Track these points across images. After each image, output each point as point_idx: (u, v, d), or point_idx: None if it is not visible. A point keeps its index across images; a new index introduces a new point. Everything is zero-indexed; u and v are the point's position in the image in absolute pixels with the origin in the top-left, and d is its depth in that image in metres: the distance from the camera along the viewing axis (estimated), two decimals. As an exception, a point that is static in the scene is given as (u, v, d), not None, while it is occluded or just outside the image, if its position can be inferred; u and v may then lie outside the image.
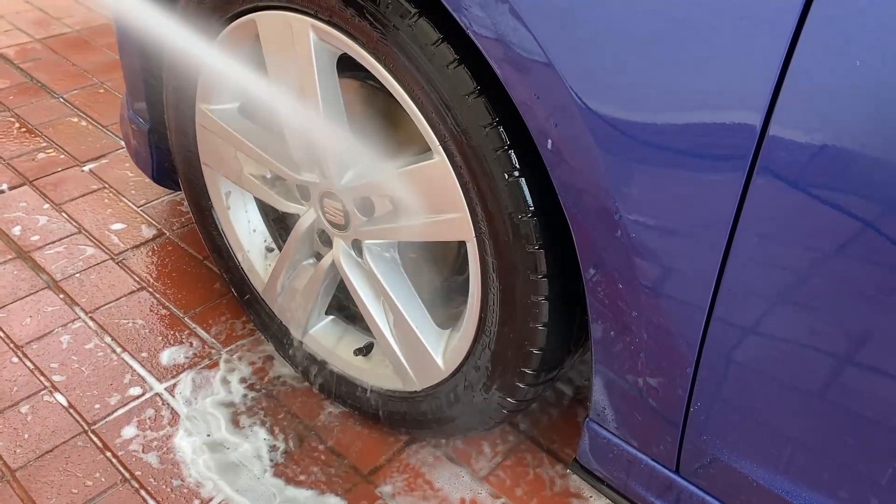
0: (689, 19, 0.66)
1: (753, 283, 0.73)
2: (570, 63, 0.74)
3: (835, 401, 0.75)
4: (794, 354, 0.75)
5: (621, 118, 0.73)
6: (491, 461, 1.30)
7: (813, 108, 0.63)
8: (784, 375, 0.77)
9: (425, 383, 1.19)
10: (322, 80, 1.04)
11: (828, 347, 0.72)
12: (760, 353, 0.77)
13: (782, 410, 0.79)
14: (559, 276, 0.95)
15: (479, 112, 0.89)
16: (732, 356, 0.79)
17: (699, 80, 0.67)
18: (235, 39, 1.14)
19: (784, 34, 0.62)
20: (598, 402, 0.97)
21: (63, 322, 1.52)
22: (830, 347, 0.72)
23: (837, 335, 0.71)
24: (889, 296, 0.66)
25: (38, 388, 1.38)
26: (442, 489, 1.25)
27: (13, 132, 2.09)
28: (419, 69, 0.91)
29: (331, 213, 1.18)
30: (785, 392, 0.78)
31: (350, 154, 1.11)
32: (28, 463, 1.25)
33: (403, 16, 0.89)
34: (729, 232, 0.72)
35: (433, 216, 1.03)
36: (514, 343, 1.02)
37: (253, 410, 1.36)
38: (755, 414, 0.81)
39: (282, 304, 1.37)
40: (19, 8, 2.78)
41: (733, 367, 0.80)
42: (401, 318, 1.15)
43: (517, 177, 0.90)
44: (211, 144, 1.30)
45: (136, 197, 1.87)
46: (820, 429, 0.78)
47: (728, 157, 0.68)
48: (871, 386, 0.72)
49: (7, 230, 1.74)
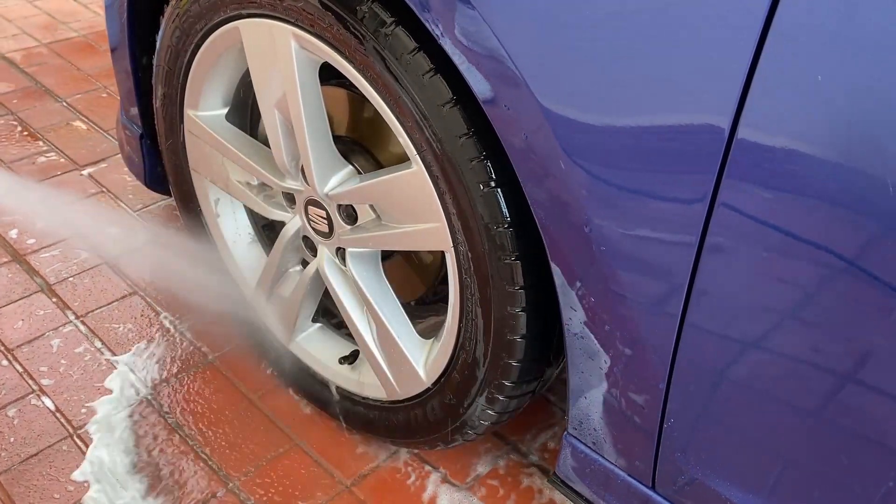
0: (656, 31, 0.65)
1: (725, 292, 0.72)
2: (537, 74, 0.73)
3: (812, 417, 0.73)
4: (769, 369, 0.73)
5: (589, 127, 0.72)
6: (478, 471, 1.29)
7: (780, 110, 0.62)
8: (758, 391, 0.75)
9: (407, 393, 1.18)
10: (304, 88, 1.04)
11: (805, 360, 0.71)
12: (733, 367, 0.76)
13: (757, 427, 0.78)
14: (537, 287, 0.94)
15: (455, 122, 0.88)
16: (704, 371, 0.78)
17: (664, 93, 0.67)
18: (220, 46, 1.14)
19: (751, 38, 0.61)
20: (575, 416, 0.96)
21: (54, 326, 1.52)
22: (807, 360, 0.71)
23: (814, 347, 0.70)
24: (868, 300, 0.65)
25: (27, 391, 1.39)
26: (430, 498, 1.24)
27: (15, 136, 2.10)
28: (396, 78, 0.90)
29: (315, 221, 1.18)
30: (759, 409, 0.77)
31: (332, 161, 1.10)
32: (12, 466, 1.26)
33: (380, 24, 0.89)
34: (698, 241, 0.70)
35: (412, 225, 1.02)
36: (493, 354, 1.01)
37: (238, 417, 1.36)
38: (729, 431, 0.80)
39: (269, 311, 1.36)
40: (27, 13, 2.80)
41: (705, 383, 0.78)
42: (383, 327, 1.15)
43: (493, 187, 0.89)
44: (199, 151, 1.30)
45: (133, 201, 1.88)
46: (796, 446, 0.76)
47: (696, 164, 0.67)
48: (851, 399, 0.70)
49: (4, 233, 1.75)
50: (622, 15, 0.67)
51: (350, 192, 1.09)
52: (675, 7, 0.64)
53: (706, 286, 0.73)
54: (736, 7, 0.61)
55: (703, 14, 0.63)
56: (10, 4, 2.85)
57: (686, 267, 0.72)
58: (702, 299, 0.73)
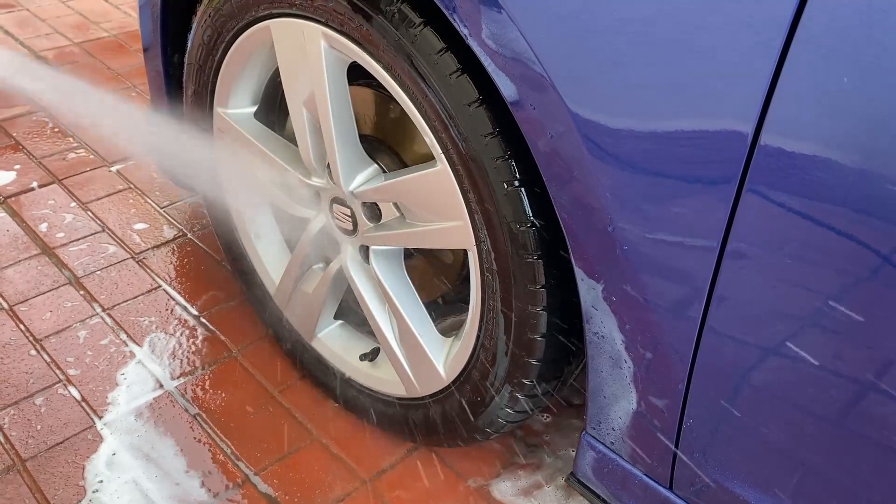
0: (681, 36, 0.66)
1: (745, 297, 0.73)
2: (564, 75, 0.74)
3: (831, 421, 0.73)
4: (787, 373, 0.74)
5: (614, 131, 0.73)
6: (496, 469, 1.30)
7: (803, 117, 0.62)
8: (776, 394, 0.76)
9: (427, 390, 1.19)
10: (332, 87, 1.05)
11: (823, 363, 0.71)
12: (752, 370, 0.76)
13: (775, 430, 0.78)
14: (558, 287, 0.95)
15: (481, 121, 0.89)
16: (724, 372, 0.78)
17: (688, 98, 0.67)
18: (251, 45, 1.16)
19: (775, 45, 0.61)
20: (594, 416, 0.96)
21: (81, 318, 1.55)
22: (825, 363, 0.71)
23: (834, 351, 0.70)
24: (887, 306, 0.65)
25: (54, 380, 1.41)
26: (444, 496, 1.25)
27: (46, 132, 2.15)
28: (423, 77, 0.92)
29: (340, 219, 1.20)
30: (777, 412, 0.77)
31: (357, 160, 1.12)
32: (39, 453, 1.28)
33: (409, 25, 0.90)
34: (720, 244, 0.71)
35: (436, 223, 1.04)
36: (513, 353, 1.02)
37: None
38: (747, 433, 0.80)
39: (292, 307, 1.38)
40: (60, 13, 2.86)
41: (724, 384, 0.79)
42: (404, 324, 1.16)
43: (517, 187, 0.90)
44: (227, 148, 1.32)
45: (160, 198, 1.91)
46: (814, 450, 0.76)
47: (718, 168, 0.68)
48: (870, 404, 0.70)
49: (34, 227, 1.79)
50: (648, 19, 0.68)
51: (375, 190, 1.10)
52: (699, 13, 0.65)
53: (726, 290, 0.73)
54: (760, 13, 0.62)
55: (727, 20, 0.64)
56: (43, 4, 2.91)
57: (707, 271, 0.73)
58: (722, 303, 0.74)
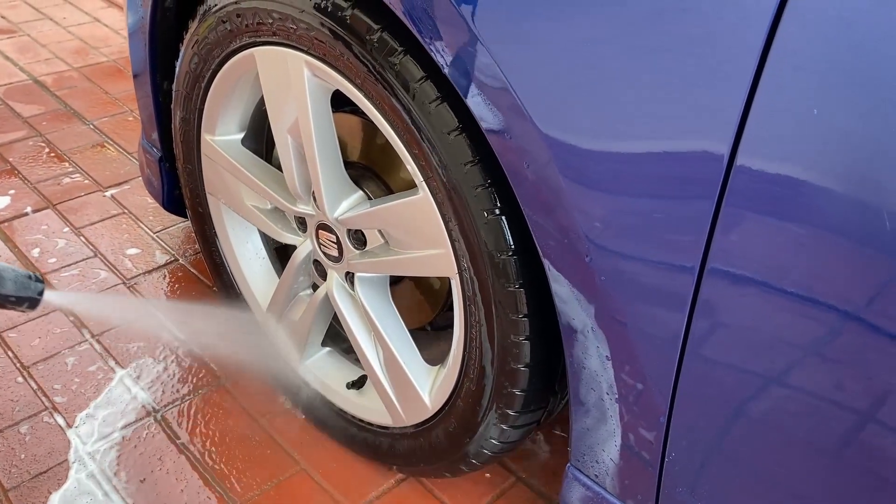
0: (653, 61, 0.66)
1: (724, 325, 0.71)
2: (538, 104, 0.74)
3: (815, 451, 0.72)
4: (769, 403, 0.72)
5: (588, 159, 0.72)
6: (483, 501, 1.27)
7: (779, 137, 0.61)
8: (759, 426, 0.74)
9: (413, 420, 1.18)
10: (315, 114, 1.05)
11: (806, 393, 0.69)
12: (734, 402, 0.75)
13: (759, 463, 0.76)
14: (541, 316, 0.94)
15: (461, 150, 0.89)
16: (705, 404, 0.77)
17: (663, 123, 0.67)
18: (236, 73, 1.16)
19: (748, 69, 0.61)
20: (578, 448, 0.95)
21: (70, 344, 1.54)
22: (809, 393, 0.69)
23: (815, 379, 0.69)
24: (873, 328, 0.63)
25: (40, 408, 1.40)
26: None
27: (42, 157, 2.15)
28: (403, 106, 0.92)
29: (326, 245, 1.19)
30: (761, 444, 0.75)
31: (342, 187, 1.11)
32: (21, 483, 1.27)
33: (389, 54, 0.90)
34: (697, 273, 0.70)
35: (418, 251, 1.03)
36: (496, 383, 1.01)
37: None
38: (730, 466, 0.79)
39: (279, 333, 1.37)
40: (61, 38, 2.88)
41: (706, 416, 0.77)
42: (389, 352, 1.15)
43: (497, 215, 0.89)
44: (215, 174, 1.32)
45: (154, 223, 1.91)
46: (799, 482, 0.75)
47: (695, 192, 0.67)
48: (860, 434, 0.69)
49: (27, 252, 1.79)
50: (620, 45, 0.67)
51: (359, 216, 1.10)
52: (672, 37, 0.64)
53: (706, 317, 0.72)
54: (732, 42, 0.61)
55: (700, 45, 0.63)
56: (44, 30, 2.93)
57: (685, 299, 0.72)
58: (701, 331, 0.73)
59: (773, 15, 0.58)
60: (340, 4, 0.93)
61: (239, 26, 1.09)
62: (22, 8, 3.11)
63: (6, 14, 3.04)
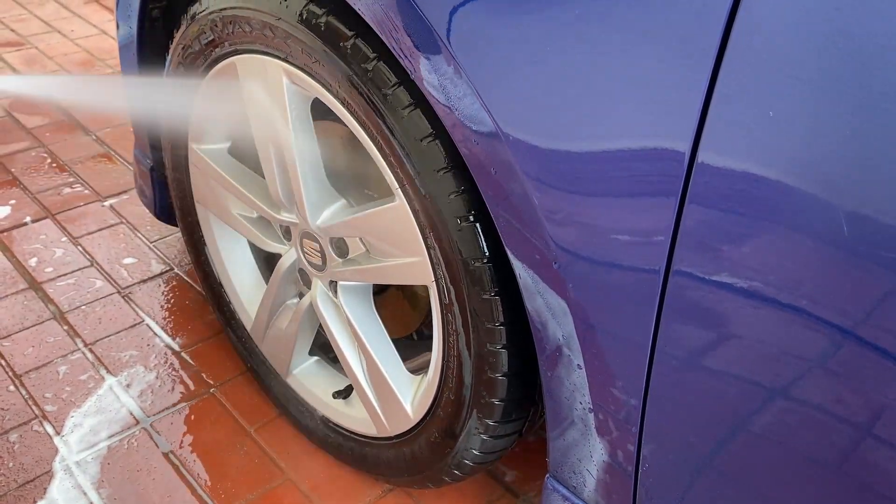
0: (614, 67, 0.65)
1: (690, 331, 0.70)
2: (500, 107, 0.73)
3: (792, 458, 0.70)
4: (740, 409, 0.71)
5: (551, 164, 0.71)
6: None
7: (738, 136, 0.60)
8: (731, 434, 0.72)
9: (396, 429, 1.17)
10: (296, 122, 1.05)
11: (779, 397, 0.68)
12: (704, 409, 0.73)
13: (731, 472, 0.75)
14: (519, 324, 0.93)
15: (434, 156, 0.88)
16: (675, 412, 0.75)
17: (625, 127, 0.66)
18: (220, 81, 1.16)
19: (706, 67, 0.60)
20: (555, 458, 0.93)
21: (63, 353, 1.55)
22: (782, 397, 0.68)
23: (790, 382, 0.67)
24: (843, 328, 0.62)
25: (30, 416, 1.41)
26: (414, 540, 1.22)
27: (44, 167, 2.17)
28: (378, 112, 0.91)
29: (310, 254, 1.18)
30: (732, 453, 0.73)
31: (324, 195, 1.11)
32: (8, 492, 1.27)
33: (362, 60, 0.90)
34: (663, 276, 0.69)
35: (396, 259, 1.02)
36: (475, 392, 1.00)
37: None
38: (704, 476, 0.77)
39: (267, 342, 1.37)
40: (68, 50, 2.91)
41: (677, 425, 0.75)
42: (372, 361, 1.14)
43: (471, 222, 0.88)
44: (202, 183, 1.32)
45: (151, 233, 1.91)
46: (774, 491, 0.73)
47: (657, 194, 0.66)
48: (833, 438, 0.67)
49: (24, 261, 1.80)
50: (580, 45, 0.66)
51: (339, 225, 1.09)
52: (629, 33, 0.63)
53: (673, 322, 0.70)
54: (689, 40, 0.60)
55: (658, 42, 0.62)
56: (52, 42, 2.97)
57: (652, 303, 0.70)
58: (669, 336, 0.71)
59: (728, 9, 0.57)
60: (315, 12, 0.93)
61: (220, 34, 1.09)
62: (31, 21, 3.15)
63: (15, 27, 3.08)
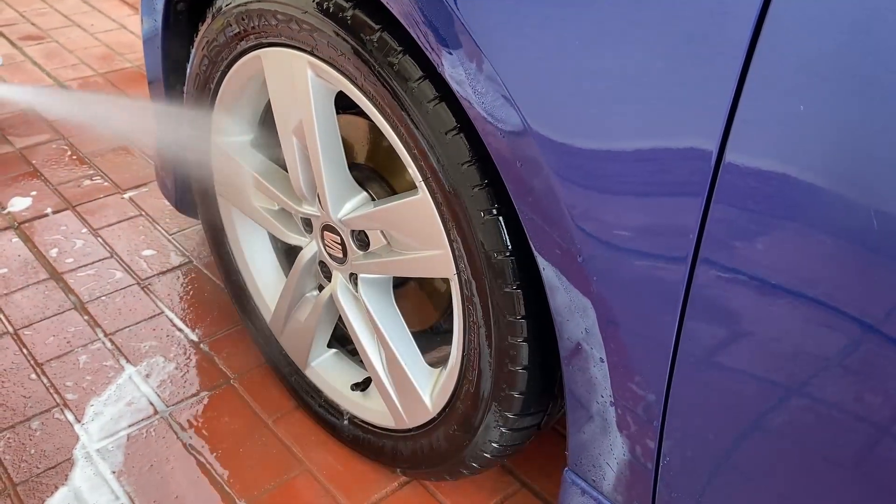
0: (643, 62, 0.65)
1: (715, 329, 0.70)
2: (528, 102, 0.73)
3: (812, 456, 0.70)
4: (762, 407, 0.71)
5: (578, 158, 0.72)
6: (490, 502, 1.27)
7: (766, 135, 0.60)
8: (750, 430, 0.73)
9: (414, 422, 1.17)
10: (319, 115, 1.06)
11: (800, 395, 0.68)
12: (725, 405, 0.73)
13: (751, 468, 0.75)
14: (540, 317, 0.93)
15: (458, 149, 0.89)
16: (697, 407, 0.75)
17: (653, 123, 0.66)
18: (244, 74, 1.17)
19: (735, 66, 0.60)
20: (574, 452, 0.94)
21: (83, 342, 1.56)
22: (803, 395, 0.68)
23: (812, 381, 0.67)
24: (871, 328, 0.62)
25: (51, 404, 1.42)
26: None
27: (65, 160, 2.19)
28: (402, 105, 0.92)
29: (331, 246, 1.19)
30: (753, 449, 0.74)
31: (346, 188, 1.12)
32: (30, 478, 1.29)
33: (388, 53, 0.91)
34: (688, 273, 0.69)
35: (418, 252, 1.03)
36: (495, 385, 1.00)
37: (252, 440, 1.37)
38: (724, 471, 0.77)
39: (286, 334, 1.38)
40: (88, 44, 2.94)
41: (699, 420, 0.76)
42: (391, 354, 1.15)
43: (494, 215, 0.89)
44: (224, 176, 1.33)
45: (170, 225, 1.93)
46: (793, 488, 0.73)
47: (684, 193, 0.66)
48: (859, 439, 0.67)
49: (45, 252, 1.82)
50: (610, 43, 0.67)
51: (361, 217, 1.10)
52: (659, 34, 0.64)
53: (696, 319, 0.71)
54: (718, 39, 0.60)
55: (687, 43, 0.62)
56: (72, 36, 2.99)
57: (676, 300, 0.71)
58: (693, 333, 0.71)
59: (759, 10, 0.57)
60: (342, 5, 0.94)
61: (245, 28, 1.10)
62: (51, 15, 3.18)
63: (36, 21, 3.11)
